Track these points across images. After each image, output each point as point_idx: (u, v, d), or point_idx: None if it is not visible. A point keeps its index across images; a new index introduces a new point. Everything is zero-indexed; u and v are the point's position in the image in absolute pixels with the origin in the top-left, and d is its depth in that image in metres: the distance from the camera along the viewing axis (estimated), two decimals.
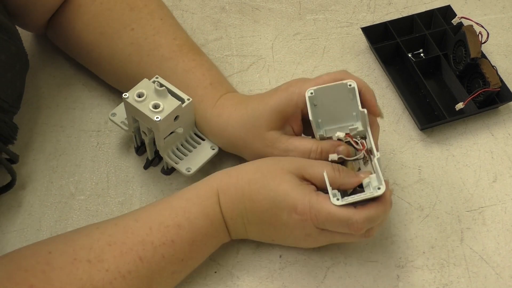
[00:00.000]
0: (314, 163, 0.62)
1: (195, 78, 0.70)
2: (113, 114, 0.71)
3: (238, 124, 0.67)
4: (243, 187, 0.61)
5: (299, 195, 0.59)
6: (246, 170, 0.63)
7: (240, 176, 0.62)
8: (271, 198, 0.60)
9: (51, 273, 0.56)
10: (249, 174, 0.62)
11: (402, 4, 0.89)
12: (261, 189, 0.61)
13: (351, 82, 0.62)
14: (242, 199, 0.61)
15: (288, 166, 0.61)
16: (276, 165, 0.62)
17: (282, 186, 0.60)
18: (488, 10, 0.89)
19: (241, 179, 0.62)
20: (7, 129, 0.67)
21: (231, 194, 0.62)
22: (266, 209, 0.61)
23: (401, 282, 0.65)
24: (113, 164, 0.74)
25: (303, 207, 0.59)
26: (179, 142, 0.69)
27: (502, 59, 0.83)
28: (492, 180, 0.73)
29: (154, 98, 0.65)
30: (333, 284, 0.65)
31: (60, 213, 0.70)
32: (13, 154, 0.68)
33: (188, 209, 0.61)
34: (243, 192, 0.61)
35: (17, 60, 0.67)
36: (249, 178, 0.62)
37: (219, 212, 0.62)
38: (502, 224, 0.69)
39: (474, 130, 0.77)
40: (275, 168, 0.61)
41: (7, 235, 0.68)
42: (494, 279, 0.66)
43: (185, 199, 0.62)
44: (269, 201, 0.60)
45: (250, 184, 0.61)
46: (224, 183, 0.62)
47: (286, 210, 0.60)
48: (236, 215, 0.62)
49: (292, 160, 0.63)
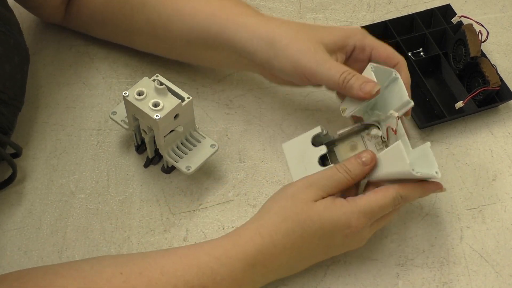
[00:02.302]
0: (332, 179, 0.61)
1: (217, 5, 0.70)
2: (114, 113, 0.72)
3: (292, 28, 0.67)
4: (282, 242, 0.59)
5: (344, 214, 0.59)
6: (273, 223, 0.59)
7: (273, 232, 0.59)
8: (319, 235, 0.60)
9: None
10: (280, 226, 0.59)
11: (402, 3, 0.89)
12: (303, 234, 0.59)
13: (396, 73, 0.64)
14: (283, 252, 0.59)
15: (310, 196, 0.60)
16: (297, 204, 0.60)
17: (322, 218, 0.59)
18: (488, 9, 0.89)
19: (275, 234, 0.59)
20: (5, 121, 0.67)
21: (269, 254, 0.59)
22: (316, 245, 0.61)
23: (401, 280, 0.65)
24: (114, 163, 0.74)
25: (357, 220, 0.59)
26: (179, 141, 0.69)
27: (502, 58, 0.83)
28: (491, 179, 0.73)
29: (154, 96, 0.65)
30: (333, 282, 0.65)
31: (60, 212, 0.70)
32: (17, 146, 0.68)
33: (216, 270, 0.57)
34: (284, 247, 0.59)
35: (16, 53, 0.67)
36: (283, 231, 0.59)
37: (252, 274, 0.59)
38: (502, 222, 0.69)
39: (474, 129, 0.77)
40: (300, 207, 0.60)
41: (7, 233, 0.68)
42: (493, 277, 0.66)
43: (214, 257, 0.58)
44: (318, 238, 0.60)
45: (288, 236, 0.59)
46: (258, 245, 0.59)
47: (339, 234, 0.60)
48: (277, 269, 0.61)
49: (302, 186, 0.61)
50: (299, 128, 0.76)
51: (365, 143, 0.66)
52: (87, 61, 0.82)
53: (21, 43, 0.69)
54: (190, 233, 0.69)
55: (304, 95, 0.79)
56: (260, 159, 0.74)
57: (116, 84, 0.80)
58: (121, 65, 0.82)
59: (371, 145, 0.66)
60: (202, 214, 0.70)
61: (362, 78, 0.63)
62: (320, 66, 0.65)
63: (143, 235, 0.68)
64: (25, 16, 0.84)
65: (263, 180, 0.73)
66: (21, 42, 0.69)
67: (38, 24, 0.85)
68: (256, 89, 0.80)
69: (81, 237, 0.68)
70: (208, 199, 0.71)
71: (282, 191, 0.62)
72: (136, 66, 0.82)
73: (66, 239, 0.68)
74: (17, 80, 0.68)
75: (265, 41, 0.67)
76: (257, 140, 0.76)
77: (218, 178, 0.73)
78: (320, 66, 0.64)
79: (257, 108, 0.78)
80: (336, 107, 0.78)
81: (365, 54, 0.68)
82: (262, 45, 0.67)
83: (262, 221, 0.60)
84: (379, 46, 0.68)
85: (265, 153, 0.75)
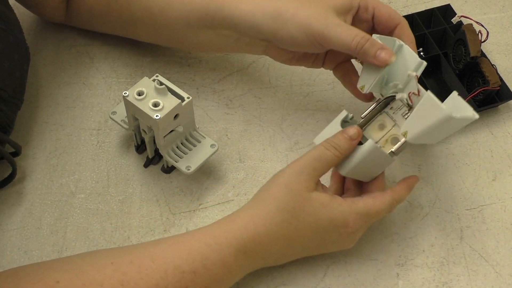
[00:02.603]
0: (321, 160, 0.61)
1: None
2: (113, 113, 0.72)
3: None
4: (276, 232, 0.59)
5: (342, 213, 0.60)
6: (267, 213, 0.60)
7: (267, 222, 0.59)
8: (314, 228, 0.60)
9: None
10: (274, 216, 0.59)
11: (401, 3, 0.89)
12: (298, 225, 0.60)
13: (399, 41, 0.63)
14: (276, 242, 0.60)
15: (303, 185, 0.60)
16: (292, 194, 0.60)
17: (318, 213, 0.60)
18: (488, 9, 0.89)
19: (269, 224, 0.59)
20: (4, 118, 0.67)
21: (262, 242, 0.59)
22: (310, 239, 0.61)
23: (401, 280, 0.65)
24: (113, 163, 0.74)
25: (354, 220, 0.60)
26: (179, 141, 0.69)
27: (502, 58, 0.83)
28: (491, 179, 0.73)
29: (154, 96, 0.65)
30: (333, 282, 0.65)
31: (60, 212, 0.70)
32: (16, 144, 0.68)
33: (207, 256, 0.58)
34: (278, 237, 0.60)
35: (16, 50, 0.67)
36: (277, 221, 0.59)
37: (243, 260, 0.60)
38: (502, 222, 0.69)
39: (474, 128, 0.77)
40: (295, 198, 0.60)
41: (7, 233, 0.68)
42: (493, 277, 0.66)
43: (204, 243, 0.59)
44: (313, 231, 0.60)
45: (282, 227, 0.59)
46: (251, 234, 0.59)
47: (334, 231, 0.61)
48: (268, 258, 0.61)
49: (294, 173, 0.60)
50: (299, 128, 0.76)
51: (392, 117, 0.65)
52: (87, 61, 0.82)
53: (21, 41, 0.69)
54: None
55: (304, 95, 0.79)
56: (260, 159, 0.74)
57: (116, 84, 0.80)
58: (121, 65, 0.82)
59: (398, 117, 0.65)
60: (202, 214, 0.70)
61: (376, 44, 0.62)
62: (332, 30, 0.64)
63: (143, 235, 0.68)
64: (25, 16, 0.84)
65: (263, 180, 0.73)
66: (21, 40, 0.69)
67: (38, 24, 0.85)
68: (256, 89, 0.80)
69: (81, 237, 0.68)
70: (208, 199, 0.71)
71: (275, 180, 0.62)
72: (136, 66, 0.82)
73: (66, 239, 0.68)
74: (16, 77, 0.68)
75: (269, 13, 0.66)
76: (257, 140, 0.76)
77: (218, 178, 0.73)
78: (332, 31, 0.64)
79: (257, 108, 0.78)
80: (336, 107, 0.78)
81: (368, 13, 0.68)
82: (266, 19, 0.67)
83: (256, 210, 0.60)
84: (380, 5, 0.68)
85: (265, 153, 0.75)
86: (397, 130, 0.64)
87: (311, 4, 0.66)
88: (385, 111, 0.66)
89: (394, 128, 0.65)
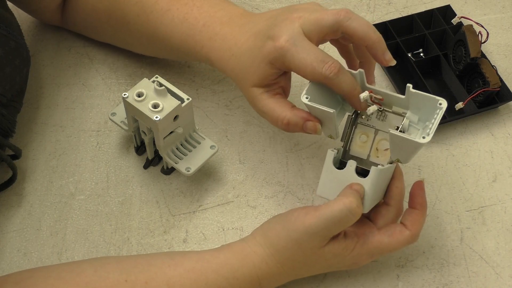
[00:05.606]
0: (335, 223, 0.58)
1: (189, 25, 0.69)
2: (113, 114, 0.72)
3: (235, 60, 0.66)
4: (288, 273, 0.61)
5: (353, 257, 0.61)
6: (280, 257, 0.60)
7: (279, 264, 0.60)
8: (325, 268, 0.62)
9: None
10: (286, 261, 0.60)
11: (401, 3, 0.89)
12: (310, 269, 0.62)
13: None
14: (289, 277, 0.62)
15: (317, 245, 0.59)
16: (304, 253, 0.59)
17: (329, 260, 0.60)
18: (488, 10, 0.89)
19: (281, 266, 0.60)
20: (6, 122, 0.67)
21: (275, 279, 0.61)
22: (319, 270, 0.63)
23: (401, 281, 0.65)
24: (113, 164, 0.74)
25: (365, 260, 0.62)
26: (179, 142, 0.69)
27: (502, 59, 0.83)
28: (492, 180, 0.73)
29: (154, 97, 0.65)
30: (333, 283, 0.65)
31: (60, 213, 0.70)
32: (16, 148, 0.68)
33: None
34: (290, 274, 0.61)
35: (17, 55, 0.67)
36: (290, 265, 0.60)
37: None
38: (502, 223, 0.69)
39: (474, 130, 0.77)
40: (308, 254, 0.60)
41: (6, 235, 0.68)
42: (493, 278, 0.66)
43: (222, 276, 0.58)
44: (323, 269, 0.63)
45: (294, 268, 0.61)
46: (265, 272, 0.60)
47: (345, 266, 0.62)
48: (278, 285, 0.63)
49: (312, 237, 0.59)
50: None
51: (369, 124, 0.64)
52: (86, 62, 0.82)
53: (22, 45, 0.69)
54: (189, 234, 0.69)
55: None
56: (260, 160, 0.74)
57: (116, 85, 0.80)
58: (120, 66, 0.82)
59: (374, 121, 0.63)
60: (202, 216, 0.70)
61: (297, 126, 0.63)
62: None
63: (142, 237, 0.68)
64: (24, 17, 0.84)
65: (263, 181, 0.72)
66: (22, 45, 0.69)
67: (38, 26, 0.85)
68: None
69: (80, 239, 0.68)
70: (207, 200, 0.71)
71: (286, 230, 0.59)
72: (136, 67, 0.82)
73: (65, 241, 0.68)
74: (16, 82, 0.68)
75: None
76: (257, 141, 0.76)
77: (217, 179, 0.73)
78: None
79: None
80: None
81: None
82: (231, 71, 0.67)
83: (268, 251, 0.60)
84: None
85: (264, 154, 0.75)
86: (381, 134, 0.63)
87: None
88: (358, 123, 0.64)
89: (377, 133, 0.63)
